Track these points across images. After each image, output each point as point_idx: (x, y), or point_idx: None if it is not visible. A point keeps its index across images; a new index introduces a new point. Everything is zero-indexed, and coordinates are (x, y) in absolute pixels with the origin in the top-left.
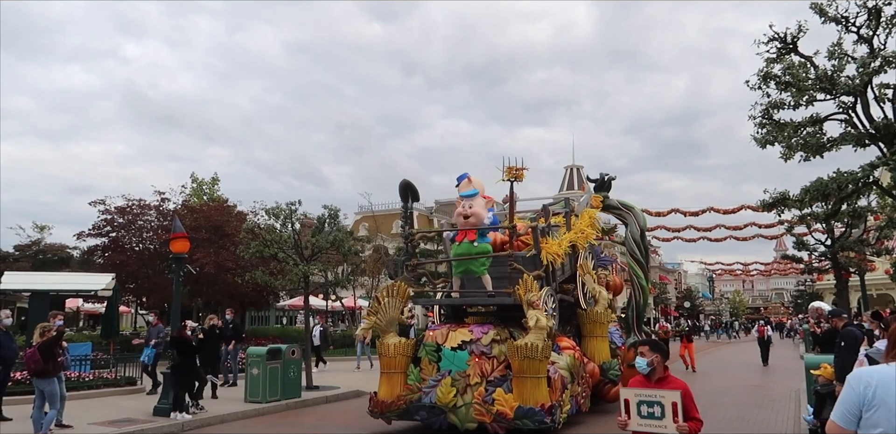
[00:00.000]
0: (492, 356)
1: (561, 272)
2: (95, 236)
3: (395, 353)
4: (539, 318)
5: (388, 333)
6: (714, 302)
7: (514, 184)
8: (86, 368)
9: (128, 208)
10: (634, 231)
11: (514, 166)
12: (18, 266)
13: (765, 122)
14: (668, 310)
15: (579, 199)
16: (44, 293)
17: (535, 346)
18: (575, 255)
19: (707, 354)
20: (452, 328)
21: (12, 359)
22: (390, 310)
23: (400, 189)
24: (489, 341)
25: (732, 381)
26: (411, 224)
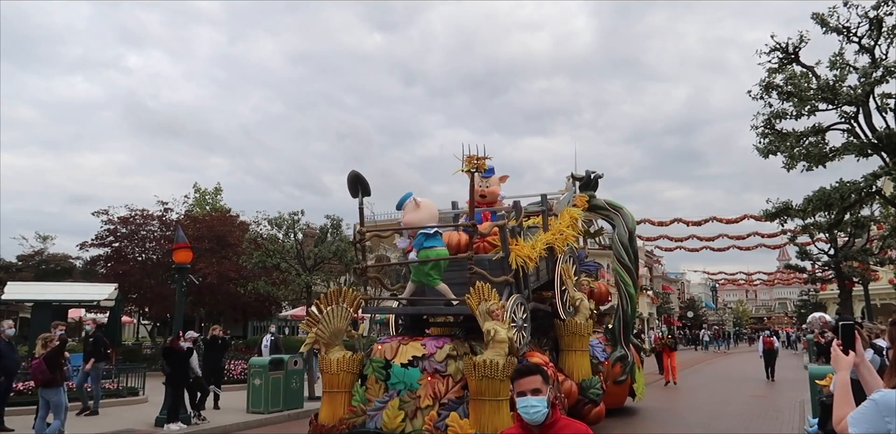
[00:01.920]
0: (446, 375)
1: (535, 278)
2: (98, 246)
3: (338, 370)
4: (497, 331)
5: (333, 347)
6: (717, 312)
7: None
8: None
9: (131, 218)
10: (622, 233)
11: (475, 155)
12: (21, 276)
13: (767, 131)
14: (672, 320)
15: (559, 197)
16: (46, 303)
17: (494, 364)
18: (553, 259)
19: (709, 364)
20: (404, 341)
21: (15, 369)
22: (335, 319)
23: (349, 182)
24: (444, 357)
25: (734, 392)
26: (362, 221)
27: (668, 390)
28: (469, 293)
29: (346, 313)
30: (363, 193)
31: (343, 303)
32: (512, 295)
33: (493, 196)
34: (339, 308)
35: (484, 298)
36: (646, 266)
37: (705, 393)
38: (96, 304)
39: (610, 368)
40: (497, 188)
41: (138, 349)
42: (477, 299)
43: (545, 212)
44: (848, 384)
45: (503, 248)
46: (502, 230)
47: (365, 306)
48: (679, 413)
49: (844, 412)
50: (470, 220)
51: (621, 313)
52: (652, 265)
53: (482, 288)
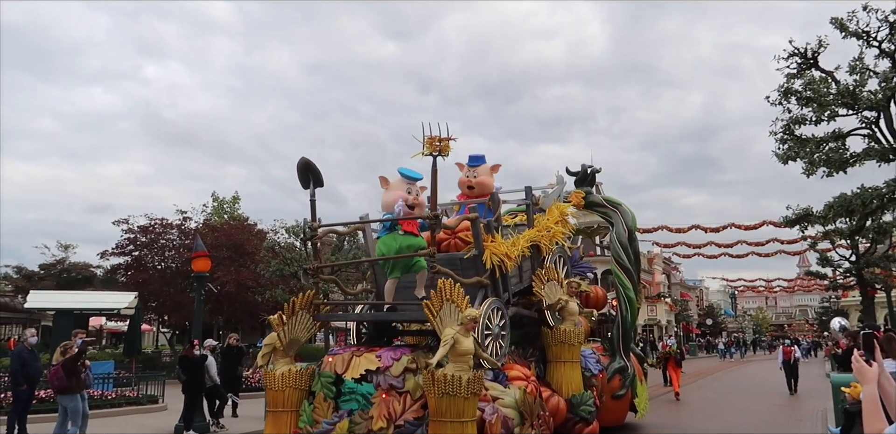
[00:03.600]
0: (404, 391)
1: (517, 280)
2: (118, 255)
3: (283, 386)
4: (459, 340)
5: (284, 359)
6: (737, 319)
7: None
8: (108, 387)
9: (150, 227)
10: (621, 232)
11: (437, 136)
12: (44, 285)
13: (786, 137)
14: (690, 327)
15: (548, 191)
16: (68, 312)
17: (456, 379)
18: (539, 259)
19: (726, 373)
20: (357, 353)
21: (37, 377)
22: (299, 327)
23: (298, 171)
24: (401, 371)
25: (752, 402)
26: (314, 215)
27: (675, 404)
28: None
29: (310, 324)
30: (315, 183)
31: (305, 310)
32: (487, 298)
33: (485, 187)
34: (302, 316)
35: (448, 300)
36: (664, 273)
37: (718, 405)
38: (117, 312)
39: (605, 382)
40: (488, 179)
41: (157, 357)
42: (439, 302)
43: (529, 206)
44: (877, 398)
45: (476, 245)
46: (474, 224)
47: (317, 313)
48: (687, 427)
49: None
50: (432, 210)
51: (620, 320)
52: (670, 272)
53: (446, 287)
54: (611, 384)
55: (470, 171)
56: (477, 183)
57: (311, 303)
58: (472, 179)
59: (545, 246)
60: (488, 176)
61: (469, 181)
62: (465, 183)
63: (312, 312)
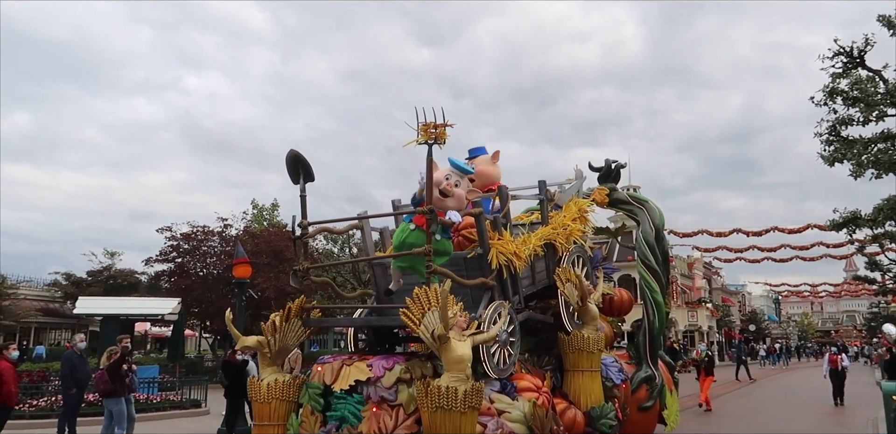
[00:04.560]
0: (396, 404)
1: (530, 281)
2: (162, 262)
3: (269, 397)
4: (454, 348)
5: (270, 367)
6: (781, 325)
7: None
8: (153, 391)
9: (192, 235)
10: (647, 230)
11: (432, 123)
12: (91, 291)
13: (832, 139)
14: (733, 333)
15: (565, 186)
16: (114, 317)
17: (451, 391)
18: (556, 260)
19: (772, 380)
20: (348, 361)
21: (86, 381)
22: (289, 334)
23: (287, 164)
24: (393, 382)
25: (798, 409)
26: (304, 212)
27: (710, 415)
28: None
29: (300, 331)
30: (306, 178)
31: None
32: (493, 302)
33: (486, 177)
34: (294, 323)
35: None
36: (704, 278)
37: (759, 414)
38: (161, 317)
39: (628, 392)
40: (489, 167)
41: (200, 362)
42: (419, 309)
43: (544, 201)
44: None
45: (480, 243)
46: (478, 220)
47: (306, 319)
48: None
49: None
50: (427, 204)
51: (647, 325)
52: (711, 277)
53: (427, 292)
54: (636, 395)
55: (468, 163)
56: (477, 173)
57: (300, 307)
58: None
59: (561, 245)
60: (488, 165)
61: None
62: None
63: (302, 317)
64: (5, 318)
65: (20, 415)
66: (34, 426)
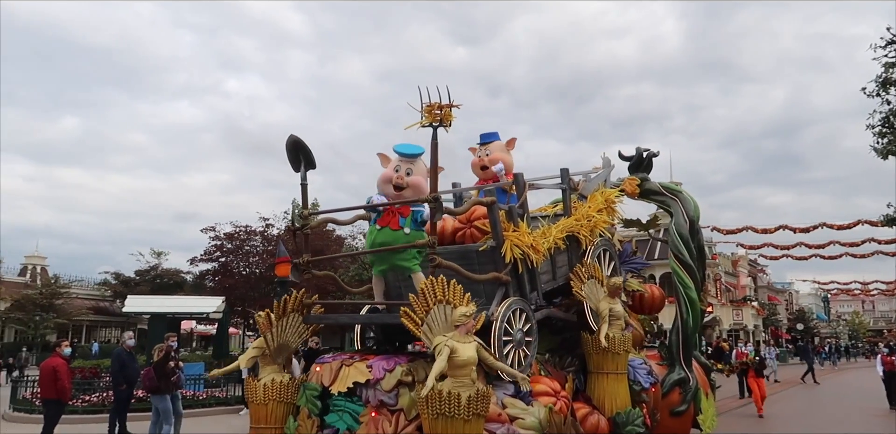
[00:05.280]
0: (396, 409)
1: (550, 277)
2: (206, 261)
3: (266, 398)
4: (456, 348)
5: (270, 366)
6: (830, 324)
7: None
8: (199, 388)
9: (235, 234)
10: (681, 223)
11: (436, 103)
12: (139, 290)
13: (885, 131)
14: (780, 332)
15: (590, 175)
16: (161, 316)
17: (453, 397)
18: (580, 253)
19: (823, 381)
20: (348, 362)
21: (135, 378)
22: (288, 331)
23: (287, 150)
24: (393, 384)
25: (852, 412)
26: (305, 202)
27: (752, 418)
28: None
29: (301, 328)
30: (306, 165)
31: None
32: (508, 298)
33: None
34: (292, 317)
35: (441, 301)
36: (749, 276)
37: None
38: (206, 316)
39: (658, 396)
40: (503, 155)
41: None
42: (424, 307)
43: (566, 191)
44: None
45: (493, 235)
46: (491, 210)
47: (307, 315)
48: None
49: None
50: (432, 191)
51: (679, 324)
52: (756, 275)
53: (436, 285)
54: (668, 399)
55: (481, 149)
56: (490, 161)
57: (301, 303)
58: (484, 159)
59: (585, 238)
60: (503, 152)
61: (482, 161)
62: (478, 164)
63: (303, 313)
64: (58, 316)
65: (73, 410)
66: (87, 421)
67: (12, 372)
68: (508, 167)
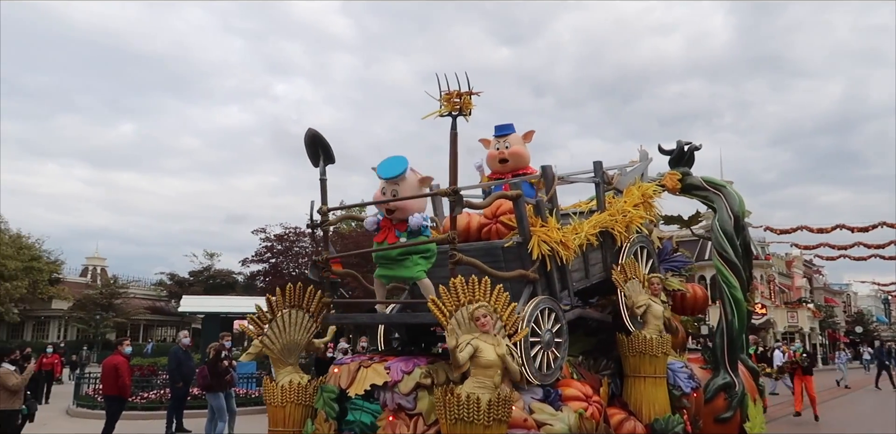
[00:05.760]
0: (415, 413)
1: (583, 275)
2: (257, 262)
3: (283, 401)
4: (480, 348)
5: (284, 368)
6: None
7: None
8: (252, 386)
9: (285, 236)
10: (725, 219)
11: (455, 91)
12: (193, 290)
13: None
14: (837, 335)
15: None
16: (215, 315)
17: (472, 401)
18: (614, 250)
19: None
20: (366, 363)
21: (191, 376)
22: (292, 328)
23: (306, 143)
24: (412, 387)
25: None
26: (324, 198)
27: (807, 425)
28: None
29: (307, 323)
30: (326, 159)
31: (308, 307)
32: (536, 297)
33: (520, 160)
34: (300, 314)
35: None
36: (804, 277)
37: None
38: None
39: (700, 402)
40: (522, 149)
41: None
42: (453, 303)
43: (599, 185)
44: None
45: (520, 230)
46: (517, 203)
47: (326, 315)
48: None
49: None
50: (451, 184)
51: (724, 325)
52: (811, 276)
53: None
54: (712, 404)
55: (499, 142)
56: (510, 154)
57: (318, 302)
58: (504, 151)
59: (620, 234)
60: (521, 146)
61: (501, 154)
62: (496, 156)
63: (315, 313)
64: (117, 316)
65: (133, 406)
66: (145, 417)
67: (75, 369)
68: (528, 160)
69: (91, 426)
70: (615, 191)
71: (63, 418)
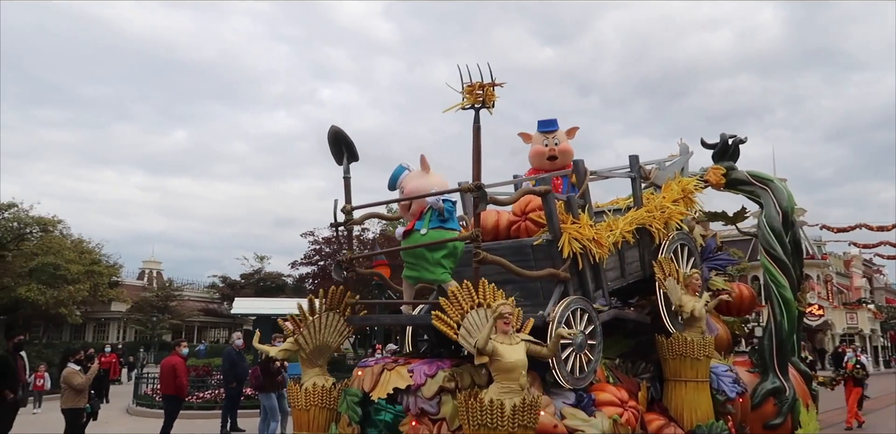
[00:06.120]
0: (438, 419)
1: (618, 274)
2: (306, 265)
3: (307, 404)
4: (501, 352)
5: (312, 369)
6: None
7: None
8: None
9: (333, 238)
10: (773, 215)
11: (478, 83)
12: (244, 292)
13: None
14: None
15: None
16: (266, 317)
17: (495, 406)
18: (653, 248)
19: None
20: (389, 365)
21: (244, 376)
22: (325, 330)
23: (329, 141)
24: (435, 391)
25: None
26: (349, 196)
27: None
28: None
29: (342, 326)
30: (349, 157)
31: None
32: (567, 297)
33: (568, 158)
34: (337, 317)
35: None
36: (864, 276)
37: None
38: None
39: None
40: (570, 147)
41: (343, 360)
42: (458, 311)
43: (636, 180)
44: None
45: (549, 227)
46: (546, 199)
47: (350, 316)
48: None
49: None
50: (475, 180)
51: (773, 327)
52: (871, 275)
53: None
54: (761, 410)
55: (547, 138)
56: (560, 151)
57: (342, 302)
58: (553, 148)
59: (658, 231)
60: (567, 143)
61: (552, 151)
62: (545, 153)
63: (343, 313)
64: (173, 317)
65: (189, 406)
66: (201, 417)
67: (132, 370)
68: (571, 158)
69: (150, 424)
70: (654, 186)
71: (123, 417)
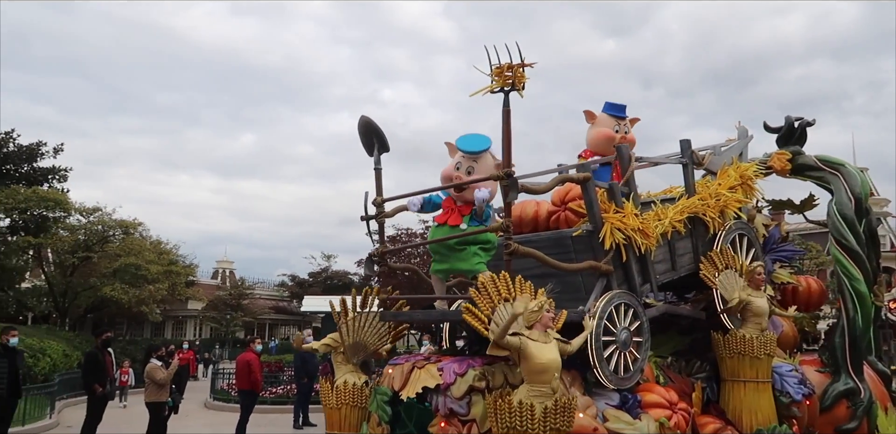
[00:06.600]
0: (468, 420)
1: (668, 266)
2: None
3: (338, 403)
4: (533, 354)
5: (345, 366)
6: None
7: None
8: None
9: (397, 237)
10: (844, 202)
11: (507, 64)
12: (312, 291)
13: None
14: None
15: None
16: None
17: (525, 409)
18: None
19: None
20: (420, 363)
21: (315, 372)
22: (365, 329)
23: (360, 132)
24: (464, 391)
25: None
26: (380, 188)
27: None
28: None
29: (382, 327)
30: (380, 148)
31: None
32: (610, 291)
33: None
34: (368, 316)
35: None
36: None
37: None
38: None
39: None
40: (634, 137)
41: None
42: (489, 304)
43: (687, 166)
44: None
45: (590, 217)
46: (586, 188)
47: (382, 312)
48: None
49: None
50: (504, 165)
51: (846, 323)
52: None
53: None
54: (832, 413)
55: (619, 123)
56: (630, 141)
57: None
58: (624, 136)
59: (713, 220)
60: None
61: (623, 139)
62: (615, 139)
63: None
64: (245, 315)
65: (262, 400)
66: (274, 411)
67: (208, 366)
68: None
69: (227, 418)
70: (710, 173)
71: (202, 410)
